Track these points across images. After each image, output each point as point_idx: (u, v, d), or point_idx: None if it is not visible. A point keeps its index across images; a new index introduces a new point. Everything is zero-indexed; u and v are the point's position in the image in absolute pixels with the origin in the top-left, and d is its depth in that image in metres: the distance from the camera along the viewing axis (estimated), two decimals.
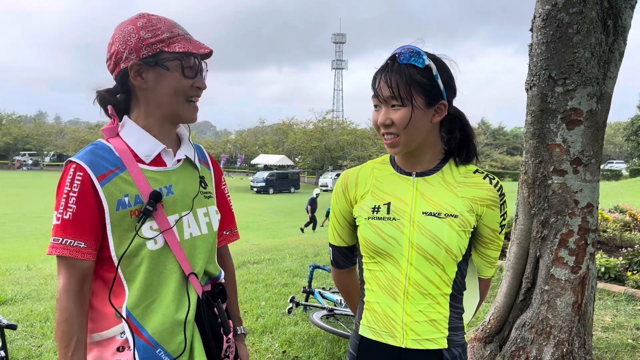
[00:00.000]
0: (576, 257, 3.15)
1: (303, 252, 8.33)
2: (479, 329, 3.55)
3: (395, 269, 1.47)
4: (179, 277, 1.44)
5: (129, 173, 1.41)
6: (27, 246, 13.07)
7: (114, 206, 1.38)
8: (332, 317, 4.60)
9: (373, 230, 1.49)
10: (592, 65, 3.03)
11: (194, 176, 1.55)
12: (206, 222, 1.54)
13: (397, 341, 1.48)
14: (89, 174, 1.36)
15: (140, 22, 1.42)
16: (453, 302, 1.50)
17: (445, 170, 1.52)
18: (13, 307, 5.08)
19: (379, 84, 1.43)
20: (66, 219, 1.36)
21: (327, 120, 55.27)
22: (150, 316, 1.40)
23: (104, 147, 1.43)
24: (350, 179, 1.61)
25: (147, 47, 1.40)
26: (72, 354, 1.34)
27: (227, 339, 1.58)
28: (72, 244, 1.36)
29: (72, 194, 1.36)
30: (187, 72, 1.42)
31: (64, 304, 1.36)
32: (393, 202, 1.50)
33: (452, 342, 1.49)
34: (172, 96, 1.43)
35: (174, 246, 1.43)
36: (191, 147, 1.58)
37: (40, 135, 68.46)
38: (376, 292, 1.52)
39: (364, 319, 1.56)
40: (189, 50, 1.40)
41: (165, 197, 1.44)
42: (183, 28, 1.47)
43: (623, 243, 7.01)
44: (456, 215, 1.45)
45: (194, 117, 1.49)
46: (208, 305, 1.51)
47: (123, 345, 1.40)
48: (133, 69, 1.41)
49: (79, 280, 1.38)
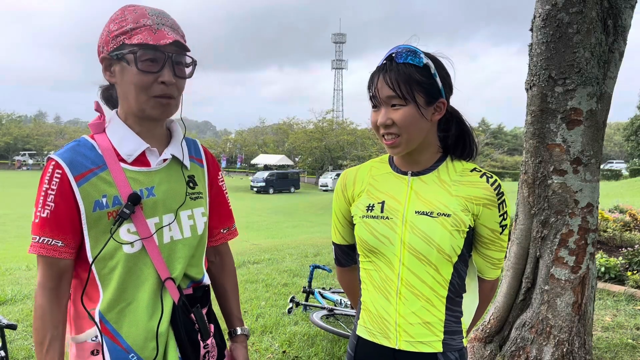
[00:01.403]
0: (576, 257, 3.15)
1: (303, 252, 8.33)
2: (479, 329, 3.55)
3: (388, 268, 1.46)
4: (154, 282, 1.39)
5: (110, 173, 1.35)
6: (27, 246, 13.01)
7: (90, 207, 1.33)
8: (332, 317, 4.60)
9: (367, 228, 1.49)
10: (592, 65, 3.03)
11: (180, 176, 1.47)
12: (190, 224, 1.47)
13: (390, 342, 1.47)
14: (67, 172, 1.32)
15: (116, 14, 1.37)
16: (450, 305, 1.47)
17: (441, 169, 1.50)
18: (13, 307, 5.08)
19: (377, 84, 1.42)
20: (44, 217, 1.33)
21: (327, 120, 55.24)
22: (124, 320, 1.37)
23: (86, 144, 1.38)
24: (349, 177, 1.61)
25: (112, 40, 1.34)
26: (46, 351, 1.32)
27: (205, 345, 1.51)
28: (50, 242, 1.33)
29: (50, 192, 1.33)
30: (142, 66, 1.31)
31: (39, 301, 1.35)
32: (387, 201, 1.49)
33: (448, 346, 1.47)
34: (133, 92, 1.34)
35: (152, 250, 1.38)
36: (180, 145, 1.49)
37: (40, 135, 68.50)
38: (371, 292, 1.51)
39: (360, 319, 1.56)
40: (146, 41, 1.29)
41: (146, 199, 1.38)
42: (160, 17, 1.36)
43: (623, 243, 7.01)
44: (449, 215, 1.43)
45: (161, 114, 1.38)
46: (184, 311, 1.44)
47: (97, 348, 1.37)
48: (103, 62, 1.38)
49: (55, 278, 1.35)
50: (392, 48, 1.45)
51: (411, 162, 1.51)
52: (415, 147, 1.46)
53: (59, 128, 79.63)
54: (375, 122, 1.45)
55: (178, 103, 1.41)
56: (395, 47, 1.44)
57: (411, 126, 1.40)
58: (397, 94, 1.38)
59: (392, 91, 1.39)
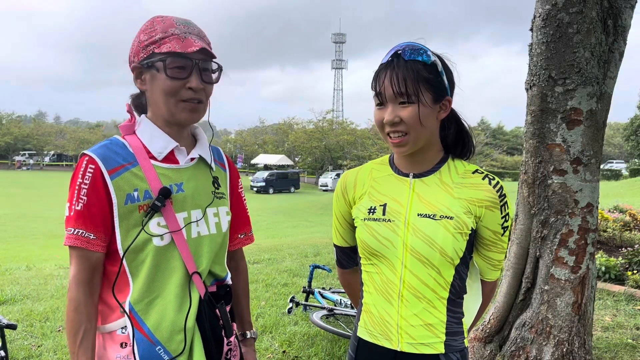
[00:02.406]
0: (576, 257, 3.15)
1: (303, 252, 8.33)
2: (479, 329, 3.55)
3: (390, 271, 1.45)
4: (182, 275, 1.44)
5: (141, 168, 1.42)
6: (26, 246, 13.06)
7: (122, 200, 1.39)
8: (332, 317, 4.60)
9: (368, 231, 1.47)
10: (592, 65, 3.03)
11: (206, 176, 1.55)
12: (215, 222, 1.53)
13: (392, 344, 1.46)
14: (100, 167, 1.38)
15: (145, 25, 1.45)
16: (451, 307, 1.47)
17: (443, 170, 1.49)
18: (13, 307, 5.08)
19: (384, 81, 1.39)
20: (78, 209, 1.38)
21: (327, 120, 55.26)
22: (152, 312, 1.41)
23: (118, 142, 1.45)
24: (349, 180, 1.59)
25: (143, 50, 1.42)
26: (79, 343, 1.36)
27: (228, 342, 1.56)
28: (83, 234, 1.38)
29: (83, 186, 1.38)
30: (170, 72, 1.39)
31: (74, 294, 1.38)
32: (389, 203, 1.48)
33: (450, 347, 1.46)
34: (163, 98, 1.42)
35: (180, 244, 1.43)
36: (207, 148, 1.58)
37: (40, 135, 68.42)
38: (372, 295, 1.50)
39: (361, 321, 1.55)
40: (175, 50, 1.37)
41: (175, 194, 1.44)
42: (187, 27, 1.44)
43: (623, 243, 7.01)
44: (452, 217, 1.42)
45: (189, 118, 1.45)
46: (210, 306, 1.49)
47: (125, 341, 1.41)
48: (134, 72, 1.46)
49: (88, 271, 1.39)
50: (396, 45, 1.43)
51: (413, 163, 1.49)
52: (421, 146, 1.44)
53: (58, 128, 79.48)
54: (381, 120, 1.42)
55: (205, 107, 1.49)
56: (400, 44, 1.42)
57: (419, 124, 1.38)
58: (405, 91, 1.36)
59: (400, 88, 1.36)
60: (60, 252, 10.96)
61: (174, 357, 1.40)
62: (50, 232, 16.08)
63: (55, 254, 10.59)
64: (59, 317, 4.71)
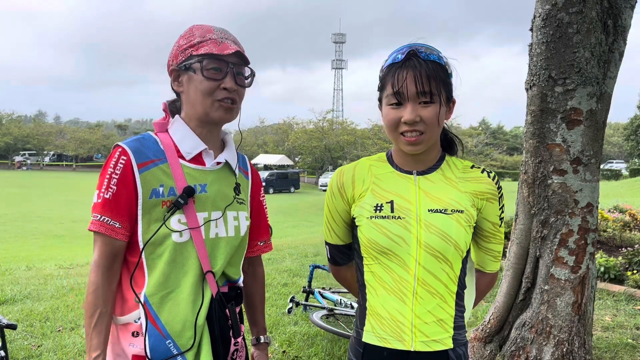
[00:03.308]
0: (576, 257, 3.15)
1: (303, 252, 8.33)
2: (479, 329, 3.55)
3: (402, 269, 1.43)
4: (197, 273, 1.48)
5: (169, 166, 1.48)
6: (26, 246, 13.06)
7: (147, 193, 1.44)
8: (332, 317, 4.60)
9: (377, 229, 1.44)
10: (592, 65, 3.03)
11: (230, 181, 1.60)
12: (234, 225, 1.57)
13: (405, 345, 1.44)
14: (131, 159, 1.44)
15: (185, 32, 1.53)
16: (458, 300, 1.49)
17: (444, 167, 1.52)
18: (13, 307, 5.08)
19: (406, 79, 1.36)
20: (107, 197, 1.43)
21: (327, 120, 55.24)
22: (165, 306, 1.45)
23: (150, 138, 1.52)
24: (347, 176, 1.55)
25: (181, 53, 1.50)
26: (94, 324, 1.41)
27: (235, 342, 1.59)
28: (109, 222, 1.43)
29: (114, 176, 1.44)
30: (206, 73, 1.46)
31: (93, 278, 1.44)
32: (396, 200, 1.46)
33: (457, 341, 1.48)
34: (199, 97, 1.48)
35: (198, 242, 1.48)
36: (234, 153, 1.63)
37: (40, 135, 68.35)
38: (381, 296, 1.47)
39: (367, 325, 1.50)
40: (212, 52, 1.45)
41: (198, 194, 1.49)
42: (223, 33, 1.51)
43: (623, 243, 7.01)
44: (462, 211, 1.45)
45: (223, 117, 1.51)
46: (220, 305, 1.53)
47: (137, 330, 1.45)
48: (172, 74, 1.53)
49: (110, 257, 1.44)
50: (405, 45, 1.43)
51: (417, 161, 1.50)
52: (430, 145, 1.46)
53: (58, 128, 79.37)
54: (397, 119, 1.40)
55: (239, 109, 1.56)
56: (410, 44, 1.42)
57: (436, 124, 1.40)
58: (429, 90, 1.36)
59: (423, 87, 1.36)
60: (60, 252, 10.96)
61: (183, 352, 1.43)
62: (50, 232, 16.07)
63: (55, 254, 10.59)
64: (59, 317, 4.71)
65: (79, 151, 65.03)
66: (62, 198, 28.24)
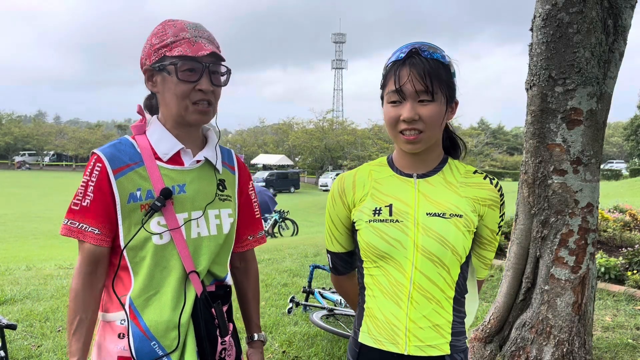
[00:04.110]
0: (576, 257, 3.15)
1: (303, 252, 8.32)
2: (479, 329, 3.55)
3: (399, 273, 1.43)
4: (180, 274, 1.48)
5: (146, 169, 1.47)
6: (26, 246, 13.06)
7: (125, 198, 1.45)
8: (332, 317, 4.60)
9: (376, 233, 1.44)
10: (592, 65, 3.03)
11: (211, 178, 1.58)
12: (216, 223, 1.56)
13: (399, 348, 1.44)
14: (106, 166, 1.44)
15: (157, 29, 1.49)
16: (456, 306, 1.47)
17: (445, 170, 1.50)
18: (13, 307, 5.07)
19: (407, 77, 1.36)
20: (84, 205, 1.44)
21: (327, 120, 55.24)
22: (149, 308, 1.45)
23: (127, 142, 1.51)
24: (347, 182, 1.55)
25: (154, 53, 1.47)
26: (74, 330, 1.44)
27: (223, 341, 1.57)
28: (87, 229, 1.44)
29: (90, 183, 1.45)
30: (182, 75, 1.43)
31: (74, 284, 1.46)
32: (395, 203, 1.46)
33: (455, 347, 1.46)
34: (174, 100, 1.46)
35: (179, 243, 1.47)
36: (214, 150, 1.61)
37: (40, 135, 68.35)
38: (378, 298, 1.47)
39: (364, 326, 1.51)
40: (186, 53, 1.42)
41: (177, 194, 1.48)
42: (197, 30, 1.47)
43: (623, 243, 7.01)
44: (461, 215, 1.43)
45: (199, 119, 1.49)
46: (206, 305, 1.52)
47: (123, 332, 1.46)
48: (146, 74, 1.51)
49: (91, 264, 1.46)
50: (408, 44, 1.42)
51: (417, 163, 1.49)
52: (429, 146, 1.44)
53: (58, 128, 79.34)
54: (396, 117, 1.39)
55: (215, 109, 1.53)
56: (413, 43, 1.41)
57: (436, 123, 1.39)
58: (429, 88, 1.35)
59: (423, 85, 1.35)
60: (60, 252, 10.96)
61: (168, 354, 1.44)
62: (50, 232, 16.07)
63: (55, 254, 10.59)
64: (58, 317, 4.71)
65: (79, 151, 65.02)
66: (62, 198, 28.23)
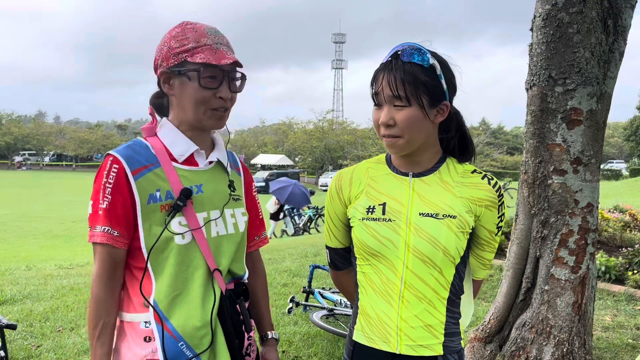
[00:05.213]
0: (576, 257, 3.15)
1: (303, 252, 8.32)
2: (479, 329, 3.55)
3: (391, 271, 1.43)
4: (204, 272, 1.48)
5: (163, 170, 1.47)
6: (26, 246, 13.07)
7: (145, 199, 1.44)
8: (332, 317, 4.60)
9: (367, 231, 1.44)
10: (592, 65, 3.03)
11: (223, 179, 1.60)
12: (233, 222, 1.58)
13: (390, 347, 1.44)
14: (124, 167, 1.43)
15: (175, 31, 1.49)
16: (450, 307, 1.46)
17: (442, 170, 1.48)
18: (13, 307, 5.07)
19: (382, 82, 1.37)
20: (103, 207, 1.42)
21: (327, 120, 55.22)
22: (175, 309, 1.45)
23: (141, 144, 1.51)
24: (345, 179, 1.56)
25: (174, 57, 1.46)
26: (98, 335, 1.43)
27: (249, 337, 1.61)
28: (109, 231, 1.42)
29: (108, 185, 1.43)
30: (204, 82, 1.44)
31: (96, 291, 1.44)
32: (388, 202, 1.45)
33: (448, 348, 1.45)
34: (192, 105, 1.47)
35: (201, 242, 1.48)
36: (224, 152, 1.63)
37: (40, 135, 68.33)
38: (370, 296, 1.47)
39: (358, 324, 1.52)
40: (209, 61, 1.42)
41: (195, 194, 1.49)
42: (217, 37, 1.48)
43: (623, 243, 7.01)
44: (454, 216, 1.41)
45: (216, 124, 1.52)
46: (231, 302, 1.54)
47: (149, 335, 1.44)
48: (162, 76, 1.50)
49: (111, 268, 1.44)
50: (398, 45, 1.41)
51: (412, 163, 1.48)
52: (416, 148, 1.43)
53: (58, 128, 79.28)
54: (377, 121, 1.41)
55: (229, 115, 1.56)
56: (401, 44, 1.40)
57: (413, 128, 1.37)
58: (400, 94, 1.34)
59: (396, 91, 1.34)
60: (60, 252, 10.97)
61: (198, 354, 1.43)
62: (50, 232, 16.08)
63: (55, 254, 10.59)
64: (58, 317, 4.71)
65: (79, 151, 64.99)
66: (62, 198, 28.24)
